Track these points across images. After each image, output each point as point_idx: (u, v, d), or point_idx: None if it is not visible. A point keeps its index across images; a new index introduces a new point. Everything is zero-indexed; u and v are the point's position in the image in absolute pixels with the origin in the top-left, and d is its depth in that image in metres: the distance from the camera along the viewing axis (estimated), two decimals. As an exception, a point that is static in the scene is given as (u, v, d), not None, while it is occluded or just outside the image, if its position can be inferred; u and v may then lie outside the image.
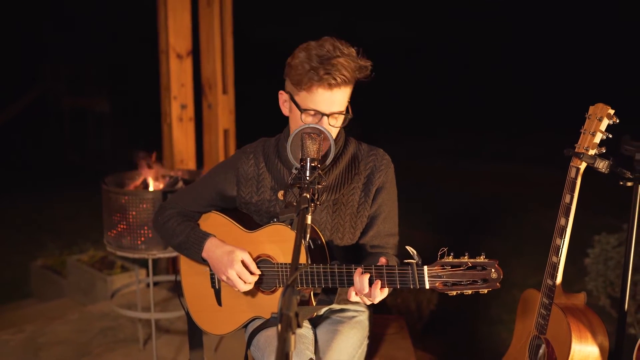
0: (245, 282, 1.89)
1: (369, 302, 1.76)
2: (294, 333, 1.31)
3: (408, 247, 1.66)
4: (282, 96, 1.94)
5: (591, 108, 1.85)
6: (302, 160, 1.70)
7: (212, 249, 1.94)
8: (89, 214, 6.42)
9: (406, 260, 1.66)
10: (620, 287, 2.00)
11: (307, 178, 1.66)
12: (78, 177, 8.18)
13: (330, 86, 1.81)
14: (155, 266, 3.95)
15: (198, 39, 3.79)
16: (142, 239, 2.81)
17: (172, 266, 3.96)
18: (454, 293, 1.61)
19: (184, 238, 2.01)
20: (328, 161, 1.81)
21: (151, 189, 2.98)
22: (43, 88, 9.92)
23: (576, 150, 1.84)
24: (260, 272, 1.93)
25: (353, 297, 1.76)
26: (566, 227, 1.86)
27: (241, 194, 2.03)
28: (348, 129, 2.00)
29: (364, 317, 2.10)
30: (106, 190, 2.85)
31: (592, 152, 1.82)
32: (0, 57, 9.69)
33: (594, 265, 3.62)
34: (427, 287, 1.63)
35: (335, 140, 1.94)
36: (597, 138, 1.81)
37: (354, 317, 2.09)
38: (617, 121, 1.80)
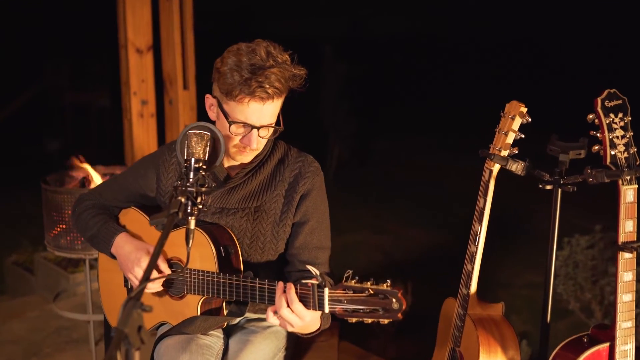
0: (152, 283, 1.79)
1: (290, 329, 1.58)
2: (138, 349, 1.23)
3: (309, 267, 1.55)
4: (209, 100, 1.82)
5: (507, 105, 1.72)
6: (187, 161, 1.60)
7: (121, 244, 1.86)
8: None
9: (305, 281, 1.53)
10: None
11: (190, 180, 1.56)
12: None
13: (262, 99, 1.70)
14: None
15: (160, 34, 3.72)
16: (81, 239, 2.74)
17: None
18: (354, 320, 1.47)
19: (96, 231, 1.92)
20: (218, 162, 1.70)
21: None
22: (44, 83, 9.95)
23: (490, 151, 1.72)
24: (169, 272, 1.82)
25: (271, 318, 1.60)
26: (480, 233, 1.75)
27: (160, 192, 1.94)
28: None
29: (280, 328, 1.99)
30: (44, 189, 2.79)
31: (504, 153, 1.70)
32: (1, 53, 9.74)
33: (562, 269, 3.48)
34: (327, 311, 1.49)
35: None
36: (510, 138, 1.69)
37: (269, 327, 1.97)
38: (530, 120, 1.67)
